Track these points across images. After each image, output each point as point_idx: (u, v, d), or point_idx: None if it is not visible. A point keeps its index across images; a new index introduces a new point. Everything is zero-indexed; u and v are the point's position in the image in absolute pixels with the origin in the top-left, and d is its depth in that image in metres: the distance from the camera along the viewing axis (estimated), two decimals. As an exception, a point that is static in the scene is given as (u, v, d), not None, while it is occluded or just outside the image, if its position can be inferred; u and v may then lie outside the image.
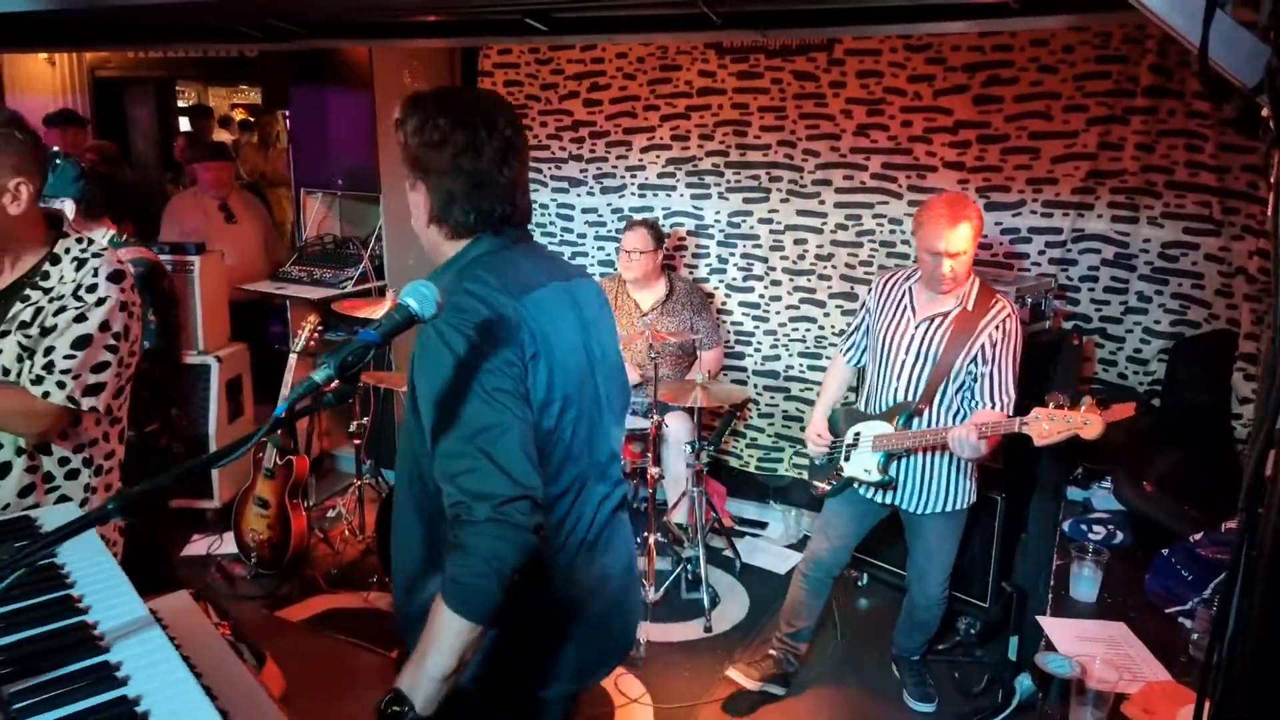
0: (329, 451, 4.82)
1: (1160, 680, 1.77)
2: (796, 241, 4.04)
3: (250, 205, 4.98)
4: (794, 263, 4.06)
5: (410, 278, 1.43)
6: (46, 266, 1.74)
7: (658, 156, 4.26)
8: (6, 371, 1.69)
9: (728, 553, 3.85)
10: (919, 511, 2.72)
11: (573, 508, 1.43)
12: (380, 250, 4.53)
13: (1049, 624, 2.02)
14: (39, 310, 1.71)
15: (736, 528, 4.12)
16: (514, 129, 1.36)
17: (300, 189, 4.86)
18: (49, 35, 3.37)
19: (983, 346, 2.55)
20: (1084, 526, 2.52)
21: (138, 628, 1.04)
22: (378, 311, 3.68)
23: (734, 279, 4.20)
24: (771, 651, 3.01)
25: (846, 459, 2.78)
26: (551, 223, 4.58)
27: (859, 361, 2.91)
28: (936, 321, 2.63)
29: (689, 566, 3.59)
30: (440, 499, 1.27)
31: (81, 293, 1.72)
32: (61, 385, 1.69)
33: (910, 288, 2.72)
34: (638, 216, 4.17)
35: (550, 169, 4.53)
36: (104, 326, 1.72)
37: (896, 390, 2.68)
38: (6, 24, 2.90)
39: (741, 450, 4.31)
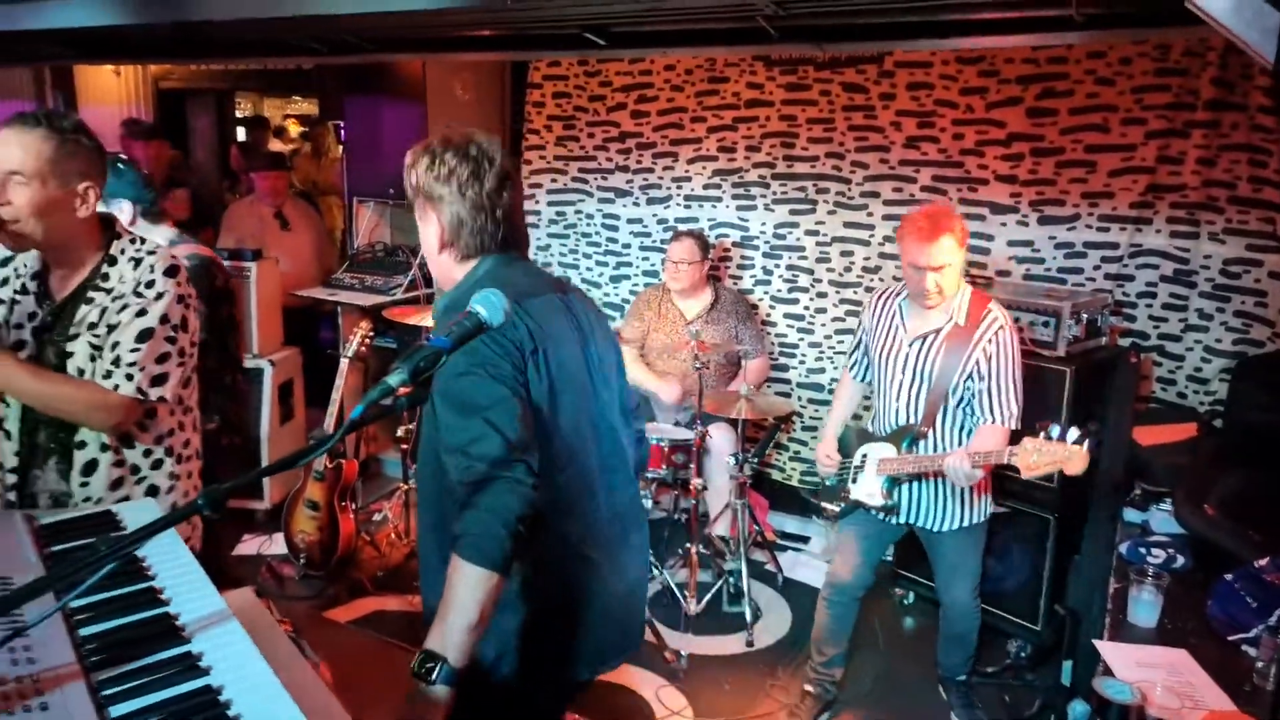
0: (375, 456, 4.91)
1: (1224, 710, 1.74)
2: (843, 253, 4.03)
3: (304, 213, 5.11)
4: (840, 275, 4.05)
5: None
6: (105, 268, 1.81)
7: (704, 168, 4.28)
8: (81, 372, 1.76)
9: (770, 566, 3.84)
10: (934, 529, 2.70)
11: (583, 494, 1.55)
12: (429, 258, 4.61)
13: (1106, 649, 1.99)
14: (103, 310, 1.78)
15: (779, 541, 4.10)
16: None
17: (353, 198, 4.97)
18: (121, 48, 3.51)
19: (978, 362, 2.52)
20: (1142, 549, 2.47)
21: (216, 620, 1.09)
22: (426, 318, 3.75)
23: (779, 290, 4.20)
24: (808, 687, 2.97)
25: (853, 481, 2.75)
26: (596, 233, 4.62)
27: (866, 378, 2.88)
28: (929, 339, 2.59)
29: (731, 579, 3.59)
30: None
31: (141, 289, 1.79)
32: (130, 378, 1.76)
33: (900, 305, 2.68)
34: (683, 227, 4.20)
35: (597, 180, 4.58)
36: (164, 319, 1.79)
37: (898, 411, 2.66)
38: (82, 37, 3.02)
39: (785, 463, 4.30)
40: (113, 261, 1.82)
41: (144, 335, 1.77)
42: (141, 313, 1.78)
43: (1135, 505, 2.80)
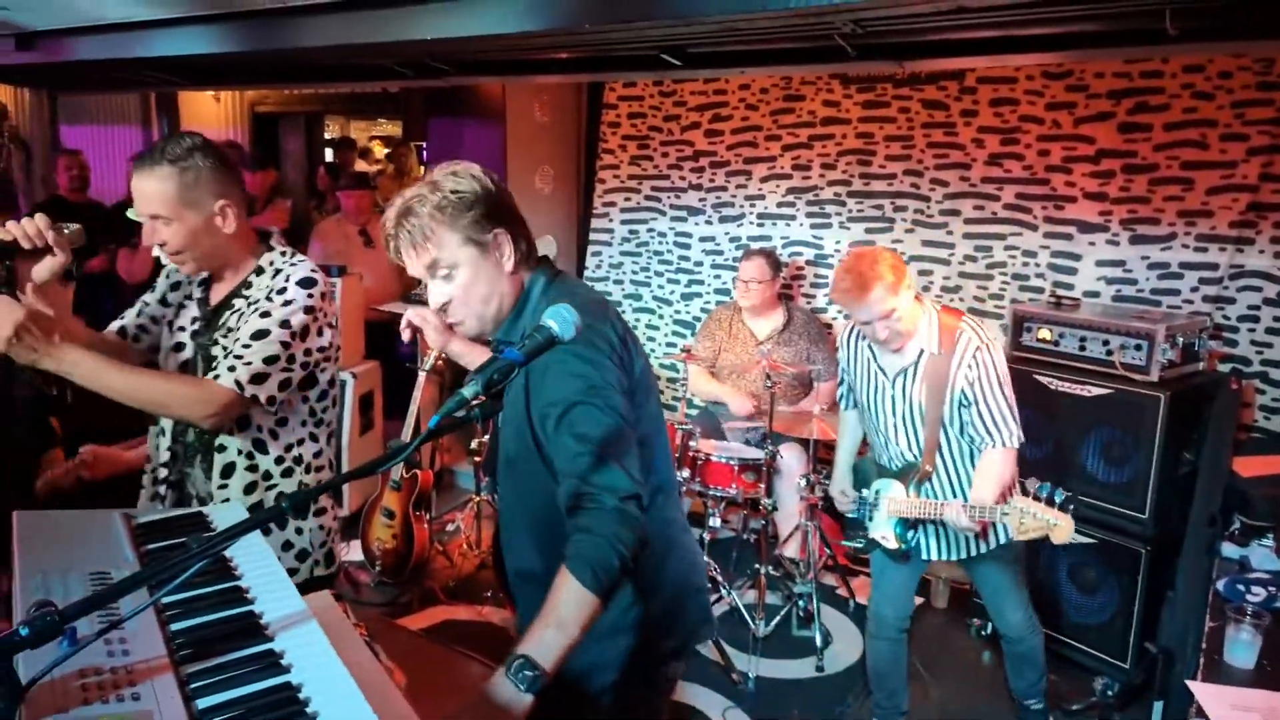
0: (449, 467, 5.01)
1: (1330, 758, 1.62)
2: (921, 273, 3.95)
3: (387, 231, 5.29)
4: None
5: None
6: (252, 278, 1.89)
7: (778, 186, 4.27)
8: (219, 378, 1.82)
9: (841, 591, 3.76)
10: (961, 557, 2.60)
11: (661, 492, 1.58)
12: (505, 275, 4.72)
13: (1200, 690, 1.88)
14: (240, 315, 1.86)
15: (850, 566, 4.02)
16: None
17: (433, 216, 5.12)
18: (222, 74, 3.71)
19: (962, 390, 2.40)
20: (1241, 587, 2.34)
21: (297, 620, 1.13)
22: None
23: (854, 310, 4.14)
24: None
25: (870, 518, 2.66)
26: (669, 250, 4.65)
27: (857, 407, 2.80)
28: (909, 375, 2.47)
29: (800, 603, 3.53)
30: (560, 513, 1.37)
31: (272, 294, 1.84)
32: (231, 369, 1.79)
33: (870, 345, 2.56)
34: (755, 246, 4.19)
35: (669, 198, 4.61)
36: (284, 323, 1.81)
37: (900, 451, 2.56)
38: (187, 64, 3.20)
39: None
40: (260, 272, 1.89)
41: (259, 334, 1.80)
42: (265, 314, 1.82)
43: (1234, 540, 2.65)
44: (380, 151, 9.11)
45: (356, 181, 5.29)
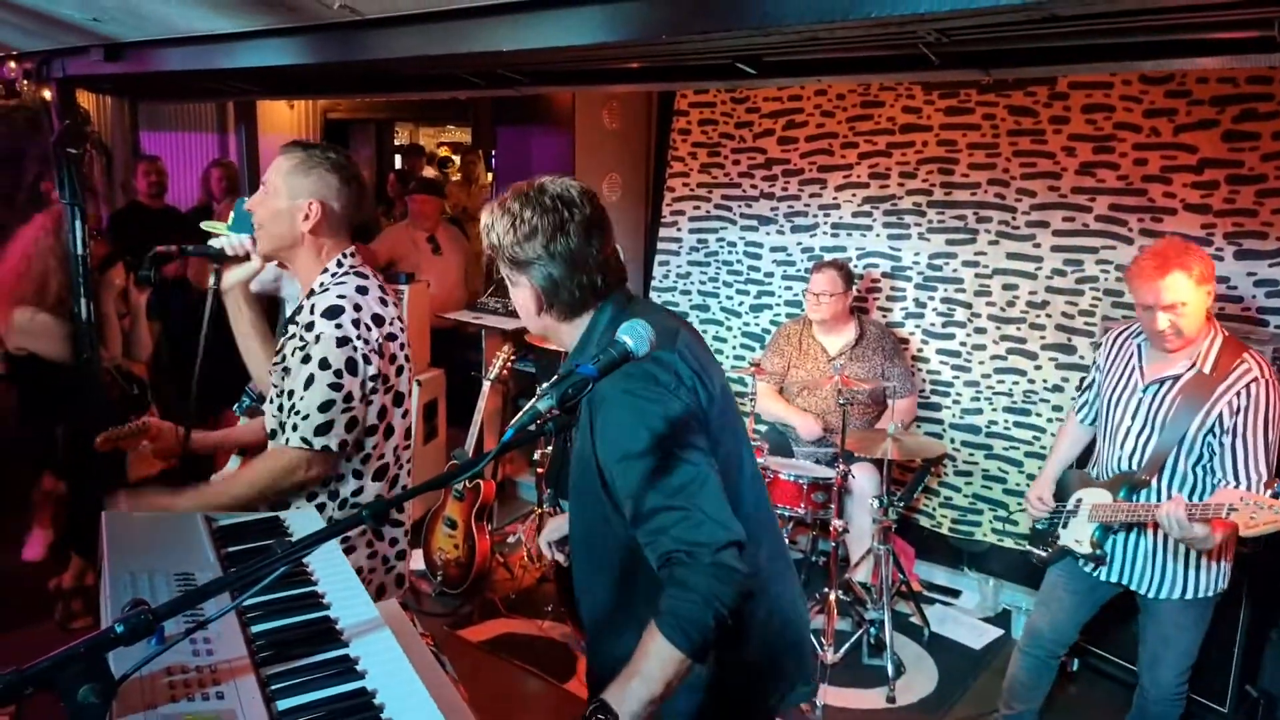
0: (511, 478, 5.10)
1: None
2: (1006, 286, 3.88)
3: (454, 238, 5.42)
4: (1002, 309, 3.90)
5: None
6: (306, 300, 1.92)
7: (854, 195, 4.24)
8: (281, 409, 1.89)
9: (915, 619, 3.70)
10: (1151, 594, 2.49)
11: (767, 524, 1.55)
12: (571, 284, 4.79)
13: (1308, 738, 1.80)
14: (288, 344, 1.90)
15: (925, 593, 3.95)
16: (592, 206, 1.53)
17: (499, 223, 5.23)
18: (299, 84, 3.87)
19: (1220, 415, 2.31)
20: (1355, 629, 2.23)
21: (371, 627, 1.18)
22: (567, 344, 3.89)
23: (932, 324, 4.09)
24: None
25: (1064, 525, 2.61)
26: (738, 261, 4.66)
27: (1093, 421, 2.73)
28: (1166, 385, 2.42)
29: (872, 630, 3.48)
30: (631, 554, 1.37)
31: (303, 330, 1.86)
32: (295, 428, 1.83)
33: (1139, 346, 2.52)
34: (828, 257, 4.17)
35: (740, 206, 4.62)
36: (324, 364, 1.82)
37: (1120, 459, 2.50)
38: (266, 75, 3.35)
39: (934, 509, 4.15)
40: (312, 294, 1.92)
41: (307, 382, 1.83)
42: (305, 358, 1.84)
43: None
44: (445, 155, 9.34)
45: (426, 187, 5.44)
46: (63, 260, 3.46)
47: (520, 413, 1.25)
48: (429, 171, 8.48)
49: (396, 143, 9.74)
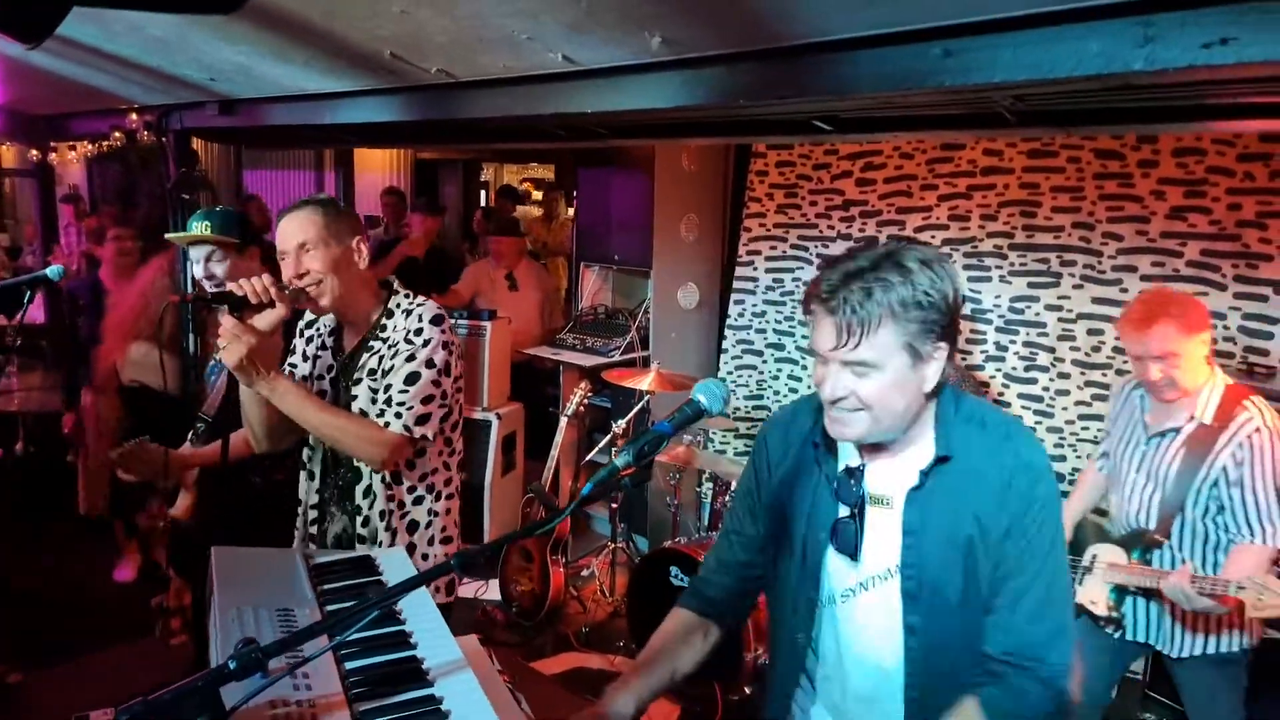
0: (585, 512, 5.18)
1: None
2: (1090, 331, 3.79)
3: (534, 274, 5.58)
4: (1087, 355, 3.80)
5: (672, 351, 1.60)
6: (384, 320, 2.12)
7: (933, 237, 4.21)
8: (364, 413, 2.06)
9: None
10: (1174, 654, 2.41)
11: None
12: (646, 322, 4.86)
13: None
14: (380, 357, 2.07)
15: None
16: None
17: (579, 261, 5.37)
18: (395, 135, 4.08)
19: (1224, 468, 2.25)
20: None
21: (455, 668, 1.25)
22: (642, 382, 3.97)
23: (1014, 368, 4.01)
24: None
25: (1080, 583, 2.53)
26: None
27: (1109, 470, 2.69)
28: (1169, 438, 2.36)
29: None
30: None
31: (410, 336, 2.05)
32: (399, 416, 2.01)
33: (1140, 396, 2.48)
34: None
35: (816, 247, 4.63)
36: (429, 363, 2.03)
37: (1129, 514, 2.45)
38: (365, 128, 3.55)
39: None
40: (390, 314, 2.12)
41: (411, 378, 2.02)
42: (410, 358, 2.03)
43: None
44: (529, 191, 9.58)
45: (506, 228, 5.62)
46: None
47: (598, 470, 1.31)
48: (523, 211, 8.67)
49: (483, 179, 10.06)
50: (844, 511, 1.45)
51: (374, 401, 2.05)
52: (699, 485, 4.13)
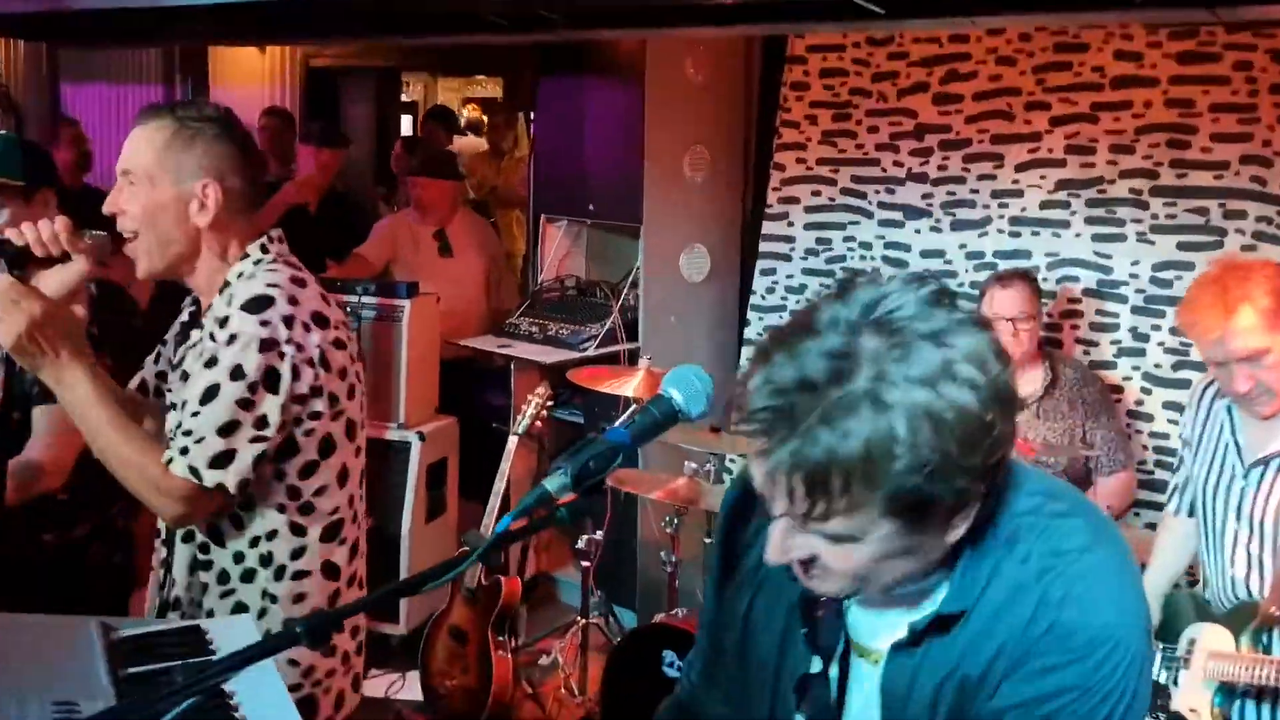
0: (547, 574, 5.15)
1: None
2: (1269, 312, 3.78)
3: (474, 234, 5.56)
4: (1262, 346, 3.79)
5: (671, 341, 1.54)
6: (216, 295, 2.04)
7: (1043, 177, 4.21)
8: (171, 462, 1.96)
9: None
10: None
11: None
12: (635, 301, 4.84)
13: None
14: (198, 355, 2.00)
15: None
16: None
17: (540, 214, 5.34)
18: (265, 26, 4.05)
19: None
20: None
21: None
22: (626, 385, 3.94)
23: (1157, 366, 4.01)
24: None
25: (1174, 682, 2.56)
26: (875, 270, 4.64)
27: (1192, 513, 2.73)
28: (1271, 467, 2.39)
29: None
30: None
31: (216, 329, 1.96)
32: (185, 451, 1.90)
33: (1228, 409, 2.50)
34: (1010, 265, 4.13)
35: (878, 193, 4.62)
36: (236, 373, 1.90)
37: (1232, 580, 2.46)
38: (229, 13, 3.52)
39: (1159, 637, 4.04)
40: (225, 286, 2.04)
41: (208, 395, 1.92)
42: (210, 363, 1.93)
43: None
44: (478, 119, 9.56)
45: (435, 165, 5.58)
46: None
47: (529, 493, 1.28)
48: (466, 145, 8.66)
49: (406, 99, 10.05)
50: (818, 664, 1.37)
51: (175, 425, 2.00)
52: (707, 535, 4.10)
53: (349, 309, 4.32)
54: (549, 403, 4.13)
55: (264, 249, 2.07)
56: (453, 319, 5.04)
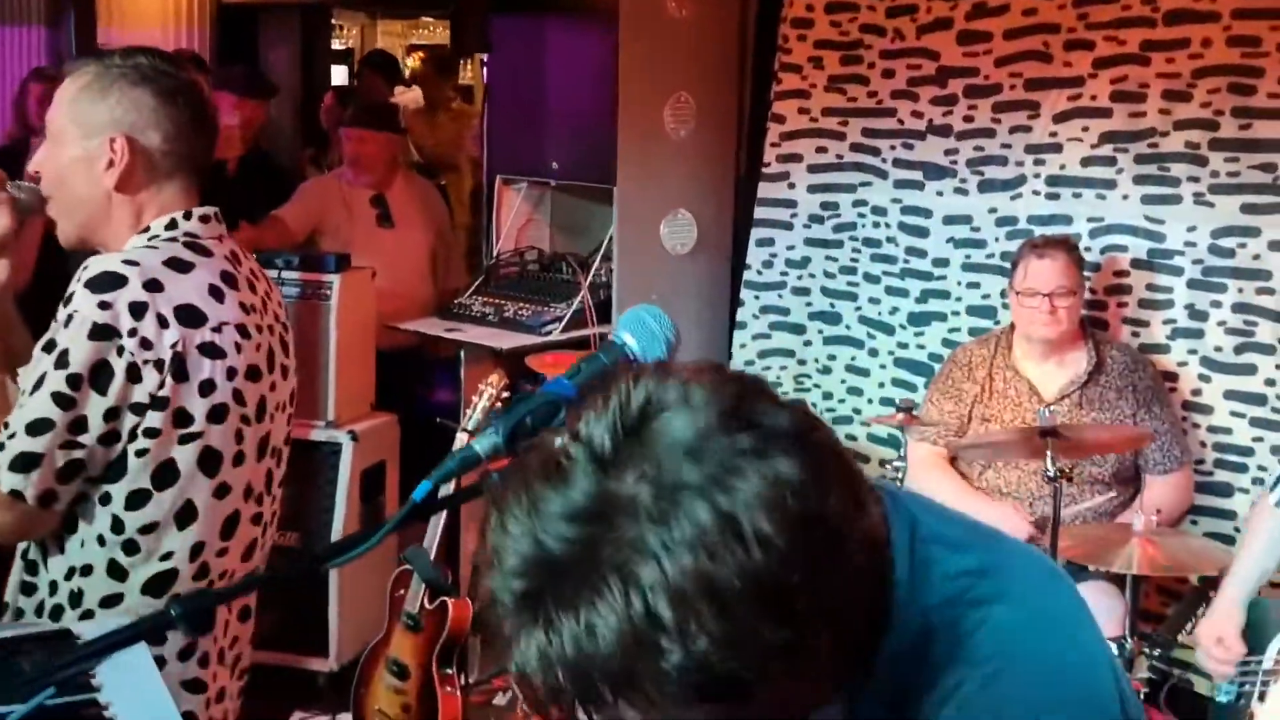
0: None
1: None
2: (1344, 284, 3.85)
3: (419, 198, 5.60)
4: (1339, 325, 3.86)
5: None
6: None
7: (1085, 129, 4.25)
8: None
9: None
10: None
11: None
12: (608, 277, 4.87)
13: None
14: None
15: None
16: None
17: (494, 176, 5.35)
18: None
19: None
20: None
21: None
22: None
23: (1218, 349, 4.07)
24: None
25: (1260, 698, 2.65)
26: (891, 238, 4.69)
27: None
28: None
29: None
30: None
31: (63, 305, 1.94)
32: (0, 448, 1.89)
33: None
34: (1048, 231, 4.17)
35: (894, 149, 4.66)
36: (61, 360, 1.88)
37: None
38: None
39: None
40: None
41: (37, 384, 1.90)
42: (48, 345, 1.92)
43: None
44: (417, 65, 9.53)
45: (371, 116, 5.58)
46: None
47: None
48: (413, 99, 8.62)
49: (339, 45, 10.00)
50: None
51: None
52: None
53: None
54: (505, 394, 4.15)
55: (173, 224, 2.05)
56: (392, 299, 5.05)
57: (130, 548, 1.98)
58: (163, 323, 1.92)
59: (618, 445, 0.99)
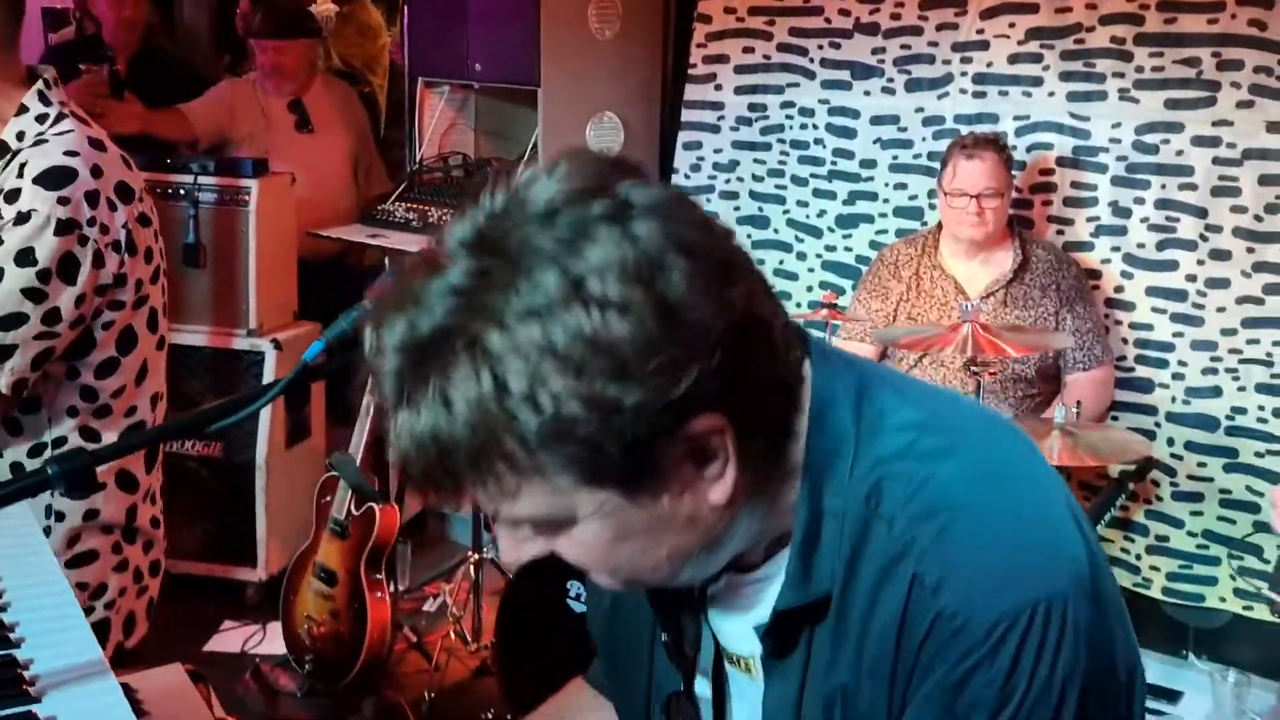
0: (438, 509, 5.18)
1: None
2: (1266, 180, 3.91)
3: (338, 102, 5.54)
4: (1258, 220, 3.93)
5: None
6: (11, 141, 2.04)
7: (1011, 25, 4.27)
8: None
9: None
10: None
11: None
12: (534, 180, 4.86)
13: None
14: None
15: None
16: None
17: (416, 80, 5.30)
18: None
19: None
20: None
21: (88, 673, 1.26)
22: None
23: (1140, 245, 4.12)
24: None
25: None
26: (818, 141, 4.70)
27: None
28: None
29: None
30: None
31: (3, 202, 1.96)
32: None
33: None
34: (975, 130, 4.19)
35: (821, 48, 4.66)
36: (23, 258, 1.93)
37: None
38: None
39: (1137, 556, 4.20)
40: (3, 151, 2.04)
41: None
42: None
43: None
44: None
45: (284, 23, 5.48)
46: None
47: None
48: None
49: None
50: (695, 680, 1.33)
51: None
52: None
53: (183, 190, 4.28)
54: (430, 301, 4.14)
55: (43, 97, 2.06)
56: (314, 207, 5.03)
57: (102, 411, 2.11)
58: (111, 206, 2.01)
59: (489, 226, 1.01)
